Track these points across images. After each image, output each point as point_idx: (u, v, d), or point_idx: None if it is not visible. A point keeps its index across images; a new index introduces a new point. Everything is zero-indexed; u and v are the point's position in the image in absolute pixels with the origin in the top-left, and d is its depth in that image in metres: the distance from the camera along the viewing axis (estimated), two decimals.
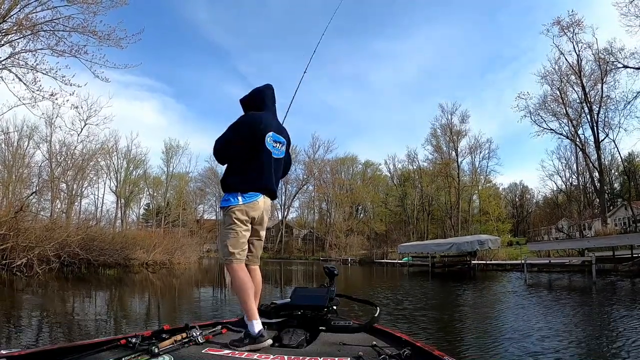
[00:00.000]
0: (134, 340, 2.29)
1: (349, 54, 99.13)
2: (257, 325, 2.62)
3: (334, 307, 3.34)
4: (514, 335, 6.55)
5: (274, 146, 3.07)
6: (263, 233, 3.23)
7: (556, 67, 37.20)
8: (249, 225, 3.00)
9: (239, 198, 2.91)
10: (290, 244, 73.05)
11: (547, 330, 6.89)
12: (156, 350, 2.10)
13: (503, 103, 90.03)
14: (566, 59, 36.42)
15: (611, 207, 41.59)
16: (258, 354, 2.34)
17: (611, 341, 6.22)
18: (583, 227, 34.31)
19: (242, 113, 3.23)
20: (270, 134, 3.04)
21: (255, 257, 3.16)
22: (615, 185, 50.68)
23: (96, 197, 53.77)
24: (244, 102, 3.30)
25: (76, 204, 40.00)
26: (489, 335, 6.67)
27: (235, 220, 2.90)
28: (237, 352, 2.36)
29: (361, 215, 73.18)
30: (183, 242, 35.12)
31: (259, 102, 3.22)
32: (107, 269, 21.49)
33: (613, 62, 33.10)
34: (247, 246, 3.00)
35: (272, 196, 3.15)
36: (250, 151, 2.96)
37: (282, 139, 3.18)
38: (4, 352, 2.00)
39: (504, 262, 28.82)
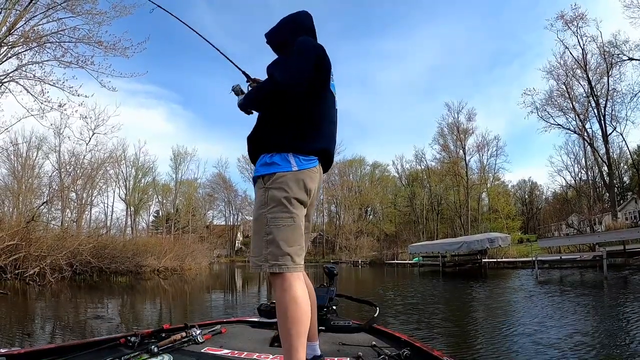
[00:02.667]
0: (133, 339, 2.29)
1: (355, 54, 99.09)
2: None
3: (334, 307, 3.35)
4: (523, 332, 6.51)
5: (334, 91, 2.19)
6: (310, 224, 2.17)
7: (561, 62, 37.18)
8: (305, 209, 1.96)
9: (292, 160, 1.87)
10: None
11: (557, 327, 6.85)
12: (156, 350, 2.11)
13: (510, 99, 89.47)
14: (571, 53, 36.39)
15: (621, 201, 41.21)
16: (257, 354, 2.33)
17: (622, 336, 6.16)
18: (593, 222, 33.99)
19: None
20: (332, 71, 2.16)
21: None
22: (625, 178, 50.17)
23: (106, 205, 54.14)
24: (284, 32, 2.28)
25: (86, 212, 40.21)
26: (498, 333, 6.64)
27: (289, 198, 1.84)
28: (236, 352, 2.34)
29: (370, 216, 73.01)
30: (193, 248, 35.17)
31: (310, 31, 2.29)
32: (119, 277, 21.59)
33: (618, 54, 32.97)
34: (304, 242, 1.92)
35: (329, 164, 2.15)
36: (311, 93, 1.97)
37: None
38: (3, 350, 1.99)
39: (514, 259, 28.73)
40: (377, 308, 3.44)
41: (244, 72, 2.38)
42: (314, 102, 1.98)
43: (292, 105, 1.92)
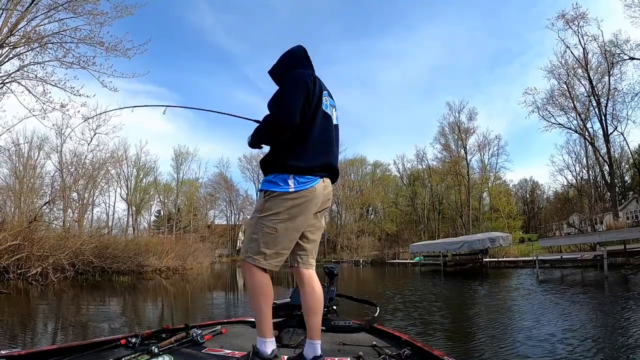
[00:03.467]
0: (134, 340, 2.29)
1: (356, 54, 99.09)
2: (269, 345, 2.14)
3: (334, 307, 3.35)
4: (524, 332, 6.54)
5: (331, 110, 2.44)
6: (322, 224, 2.48)
7: (562, 61, 37.11)
8: (298, 223, 2.23)
9: (290, 182, 2.17)
10: None
11: (557, 326, 6.87)
12: (156, 350, 2.10)
13: (512, 99, 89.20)
14: (572, 53, 36.31)
15: (622, 201, 41.03)
16: None
17: (622, 335, 6.18)
18: (594, 222, 33.95)
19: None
20: (326, 92, 2.42)
21: (310, 257, 2.40)
22: (626, 178, 49.98)
23: (107, 205, 54.13)
24: (282, 66, 2.55)
25: (88, 212, 40.43)
26: (498, 332, 6.66)
27: (279, 213, 2.17)
28: (237, 352, 2.33)
29: (372, 216, 72.86)
30: (195, 248, 35.30)
31: (303, 60, 2.55)
32: (121, 276, 21.63)
33: (619, 54, 32.92)
34: (287, 254, 2.26)
35: (335, 175, 2.44)
36: (305, 116, 2.23)
37: (335, 102, 2.55)
38: (4, 352, 2.00)
39: (515, 259, 28.68)
40: (378, 308, 3.44)
41: (257, 121, 2.56)
42: (307, 126, 2.24)
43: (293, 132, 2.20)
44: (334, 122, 2.46)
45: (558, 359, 4.89)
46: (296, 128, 2.18)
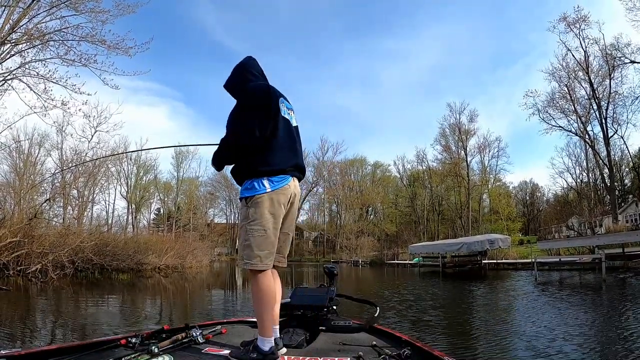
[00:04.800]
0: (134, 340, 2.29)
1: (357, 53, 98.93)
2: (268, 344, 2.29)
3: (334, 307, 3.34)
4: (523, 333, 6.55)
5: (289, 113, 2.63)
6: (293, 224, 2.72)
7: (564, 64, 37.13)
8: (280, 219, 2.45)
9: (266, 183, 2.37)
10: (300, 246, 72.68)
11: (555, 328, 6.87)
12: (156, 350, 2.11)
13: (514, 100, 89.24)
14: (573, 56, 36.36)
15: (622, 204, 41.05)
16: None
17: (619, 337, 6.17)
18: (594, 224, 33.97)
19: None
20: (281, 99, 2.59)
21: (282, 256, 2.65)
22: (626, 181, 50.04)
23: (107, 203, 54.01)
24: (237, 80, 2.67)
25: (88, 210, 40.26)
26: (498, 334, 6.67)
27: (263, 213, 2.35)
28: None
29: (371, 216, 72.83)
30: (194, 246, 35.28)
31: (254, 72, 2.69)
32: (121, 274, 21.67)
33: (620, 57, 32.97)
34: (276, 247, 2.47)
35: (302, 173, 2.65)
36: (267, 127, 2.40)
37: (291, 105, 2.74)
38: (3, 352, 2.00)
39: (514, 261, 28.69)
40: (378, 308, 3.45)
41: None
42: (271, 135, 2.42)
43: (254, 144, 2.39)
44: (294, 124, 2.67)
45: None
46: (257, 142, 2.37)
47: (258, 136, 2.35)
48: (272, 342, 2.30)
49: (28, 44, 17.65)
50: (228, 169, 2.62)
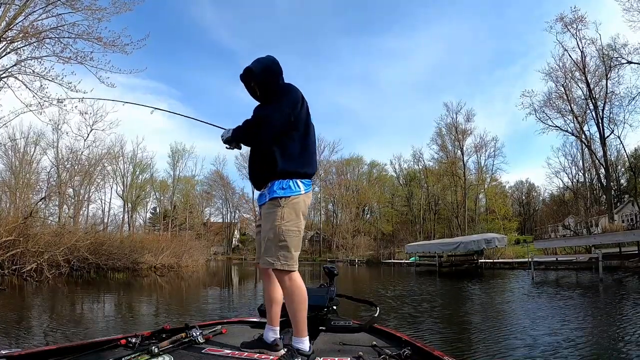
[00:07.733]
0: (134, 340, 2.30)
1: (357, 52, 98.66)
2: (308, 343, 2.33)
3: (334, 307, 3.34)
4: (520, 332, 6.55)
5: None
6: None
7: (560, 64, 37.17)
8: (305, 222, 2.51)
9: (300, 185, 2.42)
10: None
11: (551, 327, 6.88)
12: (156, 350, 2.10)
13: (512, 100, 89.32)
14: (570, 56, 36.41)
15: (618, 204, 41.21)
16: (258, 354, 2.35)
17: (615, 336, 6.19)
18: (590, 224, 34.09)
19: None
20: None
21: None
22: (622, 181, 50.17)
23: (103, 201, 54.06)
24: (275, 72, 2.62)
25: (84, 209, 40.25)
26: (496, 333, 6.66)
27: (299, 214, 2.40)
28: (237, 352, 2.35)
29: (368, 215, 72.90)
30: (190, 245, 35.21)
31: (282, 71, 2.68)
32: (116, 273, 21.64)
33: (617, 57, 32.99)
34: None
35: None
36: (305, 128, 2.51)
37: None
38: (3, 352, 2.00)
39: (511, 260, 28.82)
40: (377, 308, 3.45)
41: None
42: (306, 135, 2.49)
43: (291, 139, 2.43)
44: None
45: None
46: (301, 139, 2.45)
47: (292, 121, 2.40)
48: (308, 341, 2.33)
49: (24, 41, 17.54)
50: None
